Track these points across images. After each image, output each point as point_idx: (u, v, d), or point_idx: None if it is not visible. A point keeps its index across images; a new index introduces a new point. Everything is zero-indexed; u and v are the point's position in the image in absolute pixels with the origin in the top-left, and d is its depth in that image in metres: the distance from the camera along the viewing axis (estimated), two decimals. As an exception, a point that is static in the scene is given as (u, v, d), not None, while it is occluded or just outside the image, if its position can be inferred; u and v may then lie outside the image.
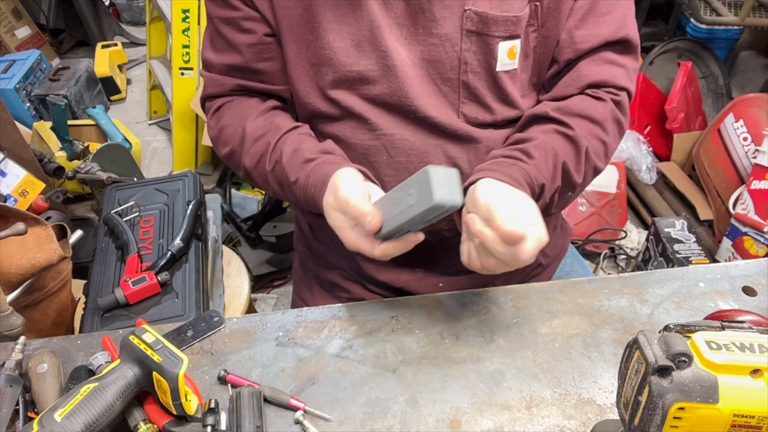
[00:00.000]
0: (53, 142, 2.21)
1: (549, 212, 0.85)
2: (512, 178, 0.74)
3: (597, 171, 0.86)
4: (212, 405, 0.72)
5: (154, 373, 0.68)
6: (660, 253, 1.97)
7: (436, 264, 0.93)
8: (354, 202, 0.71)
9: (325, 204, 0.76)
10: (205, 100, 0.95)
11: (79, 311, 1.24)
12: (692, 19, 2.62)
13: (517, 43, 0.81)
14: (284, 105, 0.92)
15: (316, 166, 0.79)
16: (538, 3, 0.80)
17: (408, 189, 0.70)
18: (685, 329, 0.55)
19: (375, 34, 0.79)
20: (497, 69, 0.81)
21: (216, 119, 0.92)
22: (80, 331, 1.06)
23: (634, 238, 2.22)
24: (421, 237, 0.73)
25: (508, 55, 0.81)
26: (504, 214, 0.67)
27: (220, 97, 0.92)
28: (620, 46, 0.84)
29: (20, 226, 1.02)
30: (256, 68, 0.87)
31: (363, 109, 0.83)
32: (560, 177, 0.80)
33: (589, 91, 0.84)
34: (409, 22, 0.79)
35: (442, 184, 0.67)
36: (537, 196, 0.78)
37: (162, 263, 1.06)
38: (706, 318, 0.82)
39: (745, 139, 2.10)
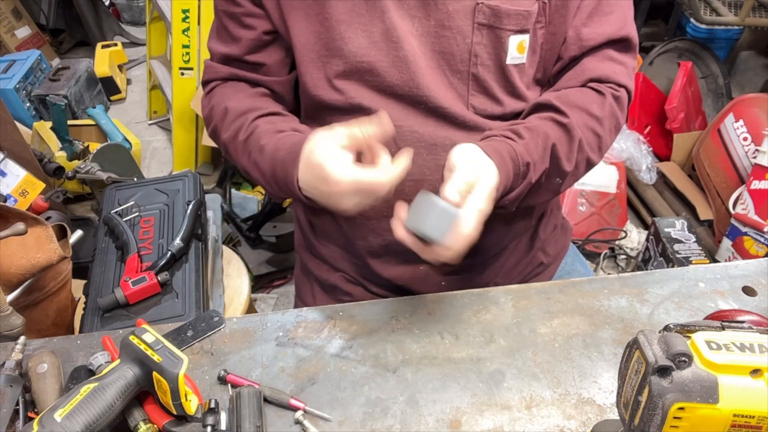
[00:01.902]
0: (53, 142, 2.21)
1: (537, 194, 0.85)
2: (495, 150, 0.76)
3: (591, 163, 0.87)
4: (212, 405, 0.72)
5: (154, 373, 0.68)
6: (660, 253, 1.97)
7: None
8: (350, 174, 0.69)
9: (314, 182, 0.74)
10: (203, 84, 0.97)
11: (79, 311, 1.24)
12: (692, 19, 2.62)
13: (526, 38, 0.82)
14: (274, 95, 0.93)
15: (284, 136, 0.80)
16: (546, 0, 0.81)
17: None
18: (685, 329, 0.55)
19: (387, 25, 0.79)
20: (507, 62, 0.82)
21: (208, 100, 0.94)
22: (80, 331, 1.06)
23: (634, 238, 2.22)
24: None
25: (517, 48, 0.82)
26: (461, 168, 0.71)
27: (214, 81, 0.94)
28: (622, 44, 0.86)
29: (20, 226, 1.02)
30: (251, 60, 0.89)
31: (372, 100, 0.83)
32: (549, 159, 0.81)
33: (590, 85, 0.86)
34: (421, 14, 0.80)
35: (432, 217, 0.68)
36: (523, 174, 0.79)
37: (162, 263, 1.06)
38: (706, 318, 0.82)
39: (745, 139, 2.10)
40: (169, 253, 1.08)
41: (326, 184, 0.70)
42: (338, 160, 0.69)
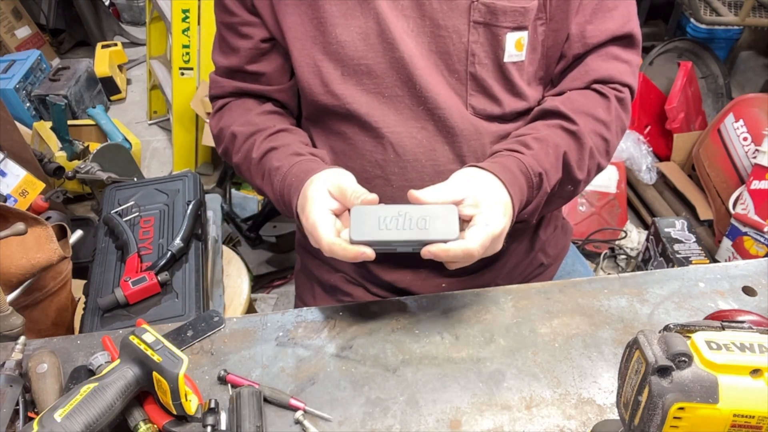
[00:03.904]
0: (53, 142, 2.21)
1: (551, 203, 0.86)
2: (504, 167, 0.76)
3: (600, 168, 0.87)
4: (212, 405, 0.72)
5: (154, 373, 0.68)
6: (660, 253, 1.97)
7: (441, 265, 0.93)
8: (322, 232, 0.72)
9: (298, 209, 0.78)
10: (210, 99, 0.98)
11: (79, 311, 1.24)
12: (692, 19, 2.62)
13: (524, 35, 0.81)
14: (281, 108, 0.93)
15: (303, 160, 0.81)
16: None
17: (414, 213, 0.70)
18: (685, 329, 0.55)
19: (382, 26, 0.79)
20: (504, 60, 0.82)
21: (217, 119, 0.95)
22: (80, 331, 1.06)
23: (634, 238, 2.22)
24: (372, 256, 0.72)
25: (515, 46, 0.81)
26: (448, 186, 0.73)
27: (222, 98, 0.95)
28: (625, 41, 0.86)
29: (20, 226, 1.02)
30: (252, 70, 0.89)
31: (371, 105, 0.83)
32: (561, 168, 0.81)
33: (595, 87, 0.85)
34: (416, 14, 0.80)
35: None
36: (537, 185, 0.79)
37: (162, 263, 1.06)
38: (706, 318, 0.82)
39: (745, 139, 2.10)
40: (169, 253, 1.08)
41: (303, 216, 0.75)
42: (319, 201, 0.73)
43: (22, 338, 0.78)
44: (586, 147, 0.82)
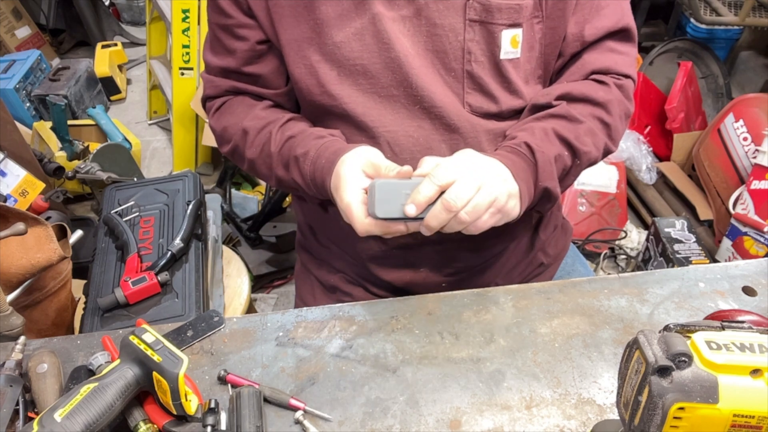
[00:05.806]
0: (53, 142, 2.21)
1: (567, 179, 0.86)
2: (492, 152, 0.79)
3: (607, 150, 0.88)
4: (212, 405, 0.72)
5: (154, 373, 0.68)
6: (660, 253, 1.97)
7: (441, 264, 0.93)
8: (355, 212, 0.74)
9: (332, 188, 0.80)
10: (205, 100, 0.97)
11: (79, 311, 1.24)
12: (692, 19, 2.62)
13: (519, 32, 0.82)
14: (278, 106, 0.93)
15: (327, 141, 0.82)
16: None
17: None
18: (685, 329, 0.55)
19: (377, 27, 0.79)
20: (501, 57, 0.82)
21: (217, 119, 0.94)
22: (80, 331, 1.06)
23: (634, 238, 2.22)
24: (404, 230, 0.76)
25: (511, 43, 0.82)
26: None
27: (218, 98, 0.94)
28: (621, 35, 0.87)
29: (20, 226, 1.02)
30: (248, 72, 0.89)
31: (367, 105, 0.83)
32: (558, 142, 0.81)
33: (593, 77, 0.86)
34: (412, 14, 0.80)
35: None
36: (529, 152, 0.80)
37: (162, 263, 1.06)
38: (706, 318, 0.82)
39: (745, 139, 2.10)
40: (169, 253, 1.08)
41: (337, 195, 0.77)
42: (353, 181, 0.75)
43: (22, 338, 0.78)
44: (581, 124, 0.83)
